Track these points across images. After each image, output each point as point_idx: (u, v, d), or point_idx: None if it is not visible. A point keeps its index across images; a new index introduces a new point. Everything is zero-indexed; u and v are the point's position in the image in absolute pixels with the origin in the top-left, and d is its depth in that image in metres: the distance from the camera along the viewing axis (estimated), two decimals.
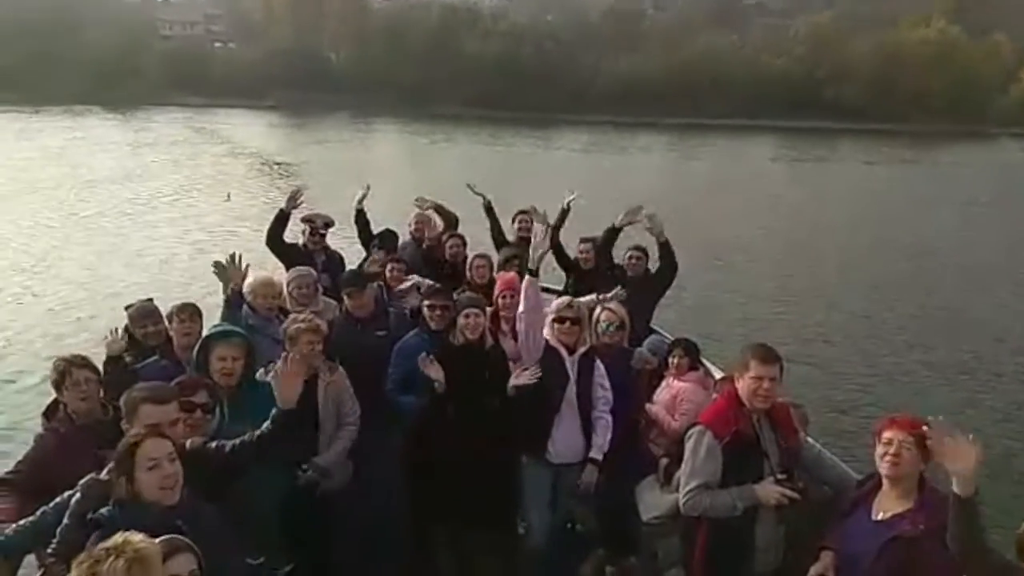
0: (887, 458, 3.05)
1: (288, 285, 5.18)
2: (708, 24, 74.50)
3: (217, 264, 4.91)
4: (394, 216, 7.82)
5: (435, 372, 4.26)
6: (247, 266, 4.95)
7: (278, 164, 33.19)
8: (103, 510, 2.67)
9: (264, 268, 5.47)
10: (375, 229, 6.97)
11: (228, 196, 23.08)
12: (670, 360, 4.93)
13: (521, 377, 4.29)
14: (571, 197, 6.73)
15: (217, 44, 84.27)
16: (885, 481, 3.13)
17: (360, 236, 6.95)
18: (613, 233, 6.33)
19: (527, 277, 4.30)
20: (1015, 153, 49.30)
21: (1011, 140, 55.46)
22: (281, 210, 6.18)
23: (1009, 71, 66.83)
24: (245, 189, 25.33)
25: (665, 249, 6.12)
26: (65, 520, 2.81)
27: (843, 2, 76.45)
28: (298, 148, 40.32)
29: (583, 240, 6.58)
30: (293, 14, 79.38)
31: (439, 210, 7.22)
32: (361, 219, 6.95)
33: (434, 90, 67.64)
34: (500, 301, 4.96)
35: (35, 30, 69.40)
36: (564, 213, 6.75)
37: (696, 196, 27.28)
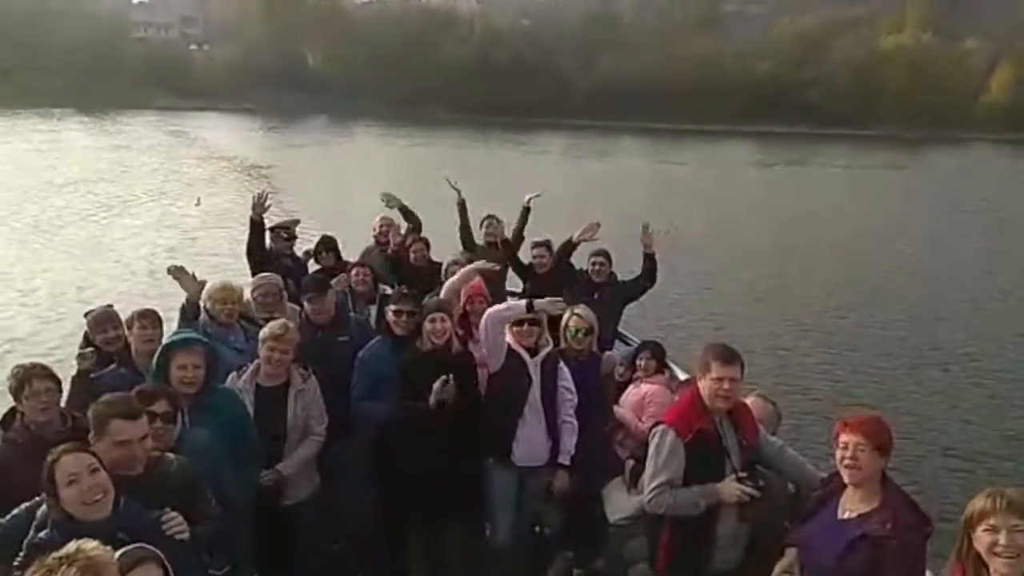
0: (845, 463, 3.04)
1: (253, 291, 5.09)
2: (688, 28, 75.01)
3: (172, 268, 4.81)
4: (369, 219, 7.75)
5: (446, 392, 4.19)
6: (203, 281, 4.88)
7: (254, 167, 32.98)
8: (42, 533, 2.61)
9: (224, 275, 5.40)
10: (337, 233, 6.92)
11: (198, 201, 22.86)
12: (637, 362, 4.96)
13: (441, 391, 4.19)
14: (532, 196, 6.80)
15: (193, 46, 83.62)
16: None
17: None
18: (570, 247, 6.37)
19: (485, 314, 4.32)
20: (991, 158, 50.10)
21: (987, 145, 56.35)
22: (251, 218, 6.08)
23: (981, 78, 68.00)
24: (218, 193, 25.10)
25: (650, 262, 6.23)
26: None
27: (823, 7, 77.26)
28: (275, 151, 40.09)
29: (536, 244, 6.61)
30: (269, 16, 78.80)
31: (404, 211, 7.12)
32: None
33: (412, 93, 67.50)
34: (469, 307, 4.92)
35: (6, 30, 68.33)
36: (526, 212, 6.84)
37: (675, 200, 27.44)
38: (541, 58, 71.74)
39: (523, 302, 4.36)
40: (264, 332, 4.18)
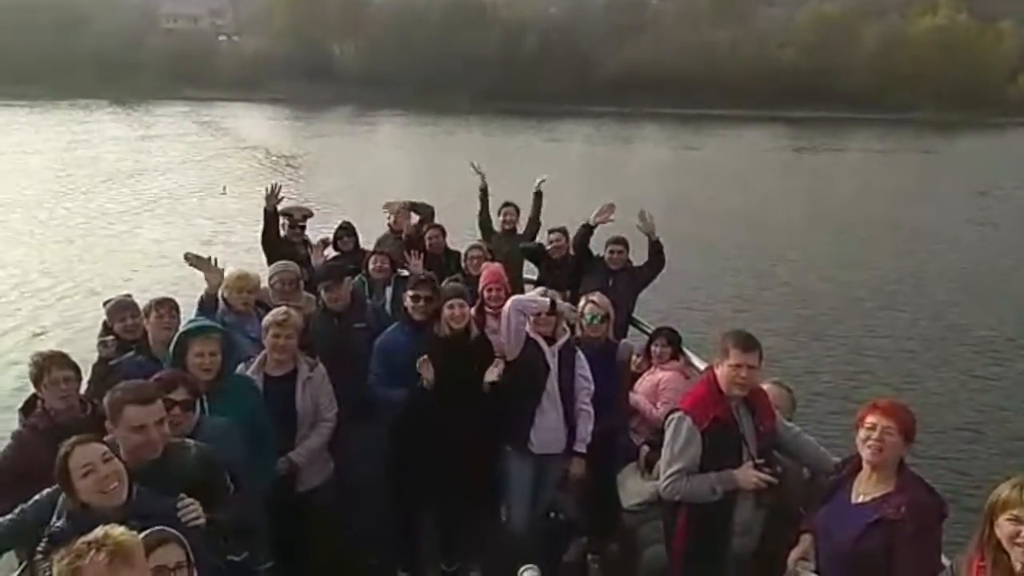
0: (870, 443, 3.03)
1: (270, 279, 5.11)
2: (713, 14, 73.98)
3: (189, 256, 4.84)
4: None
5: (427, 372, 4.23)
6: (223, 269, 4.89)
7: (280, 157, 33.30)
8: (57, 524, 2.66)
9: (248, 264, 5.44)
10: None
11: (224, 189, 23.07)
12: (652, 349, 4.94)
13: (492, 373, 4.27)
14: (541, 179, 6.86)
15: (221, 37, 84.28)
16: (865, 465, 3.12)
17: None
18: (587, 230, 6.33)
19: (509, 301, 4.31)
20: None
21: (1021, 130, 54.99)
22: (264, 209, 6.17)
23: (1015, 60, 66.25)
24: (244, 183, 25.34)
25: (655, 247, 6.20)
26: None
27: None
28: (300, 141, 40.42)
29: (552, 231, 6.63)
30: (296, 7, 79.29)
31: (413, 207, 7.17)
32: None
33: (437, 83, 67.51)
34: (486, 294, 4.93)
35: (40, 25, 69.57)
36: (538, 198, 6.87)
37: (697, 186, 27.22)
38: (565, 46, 71.20)
39: (547, 300, 4.33)
40: (266, 320, 4.19)
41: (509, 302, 4.32)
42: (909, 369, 11.11)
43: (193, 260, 4.80)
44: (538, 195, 6.98)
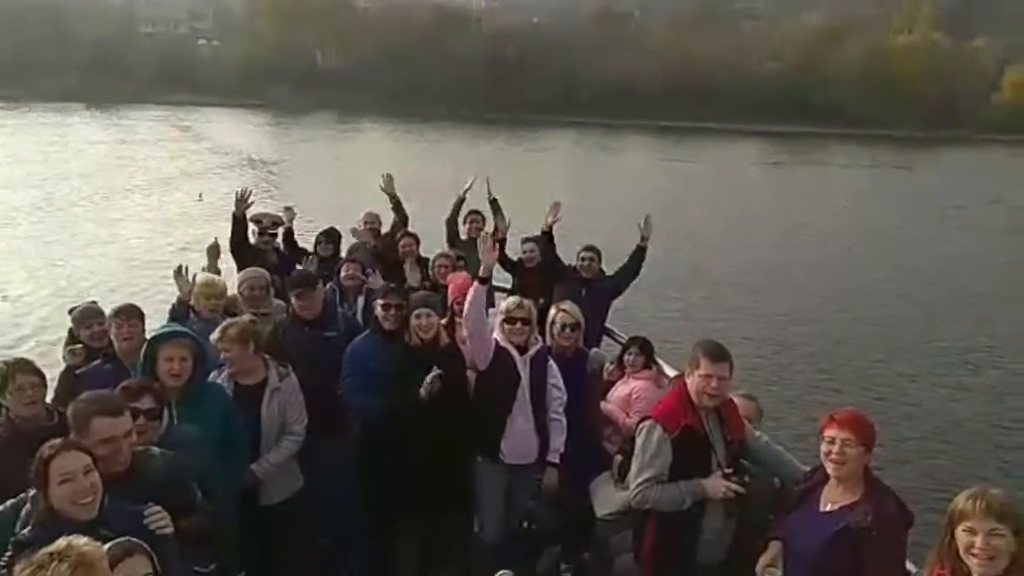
0: (831, 456, 3.07)
1: (239, 285, 5.05)
2: (696, 27, 74.71)
3: (177, 271, 4.83)
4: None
5: (431, 388, 4.19)
6: (194, 276, 4.87)
7: (260, 162, 33.12)
8: (25, 530, 2.59)
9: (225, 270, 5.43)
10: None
11: (200, 196, 22.84)
12: (625, 358, 4.94)
13: (430, 384, 4.18)
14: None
15: (201, 41, 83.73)
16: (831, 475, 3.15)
17: (288, 254, 6.84)
18: (546, 235, 6.40)
19: (475, 284, 4.25)
20: (1002, 158, 49.77)
21: (998, 146, 55.97)
22: (233, 214, 6.13)
23: (993, 77, 67.49)
24: (222, 187, 25.20)
25: (639, 253, 6.24)
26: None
27: (832, 6, 76.85)
28: (281, 146, 40.33)
29: (525, 240, 6.65)
30: (278, 12, 79.06)
31: (396, 203, 7.13)
32: (289, 239, 6.96)
33: (421, 90, 67.55)
34: (455, 307, 4.88)
35: (18, 26, 68.77)
36: (495, 204, 6.89)
37: (678, 197, 27.40)
38: (549, 55, 71.58)
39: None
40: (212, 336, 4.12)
41: (466, 307, 4.24)
42: (879, 377, 11.30)
43: (176, 275, 4.80)
44: (493, 202, 6.95)
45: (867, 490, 3.06)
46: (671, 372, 4.97)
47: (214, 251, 6.01)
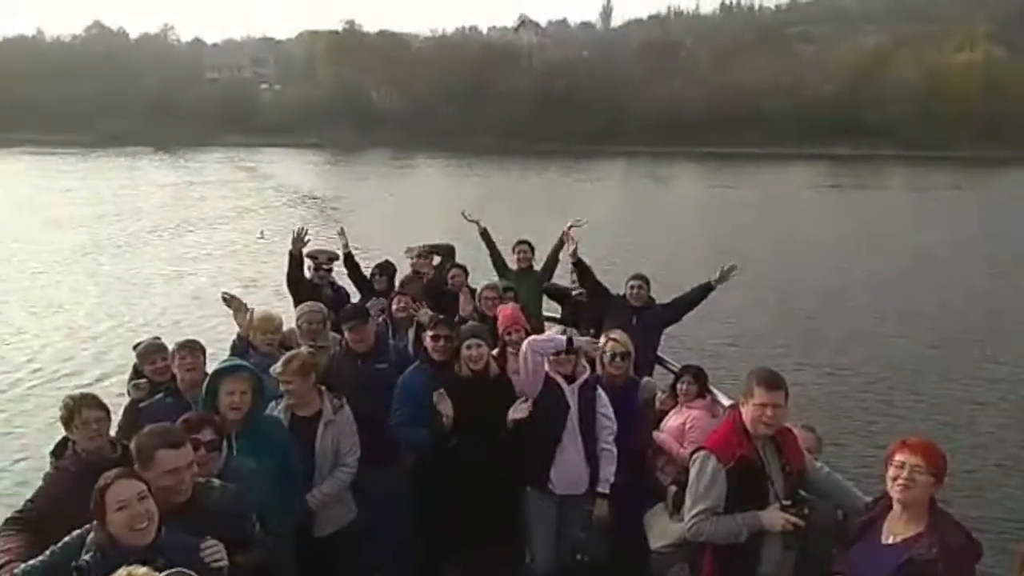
0: (899, 481, 2.98)
1: (298, 319, 5.20)
2: (747, 53, 74.26)
3: (225, 295, 4.98)
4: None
5: (445, 407, 4.26)
6: (251, 311, 4.99)
7: (318, 200, 33.97)
8: (85, 556, 2.68)
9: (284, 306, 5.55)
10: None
11: (261, 234, 23.48)
12: (678, 387, 4.89)
13: (517, 411, 4.26)
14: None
15: (263, 86, 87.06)
16: (895, 504, 3.06)
17: (351, 277, 7.06)
18: (575, 265, 6.47)
19: (525, 342, 4.30)
20: None
21: None
22: (290, 252, 6.36)
23: None
24: (283, 227, 25.93)
25: (704, 292, 6.25)
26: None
27: (888, 25, 75.37)
28: (339, 184, 41.31)
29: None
30: (335, 55, 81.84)
31: (433, 249, 7.33)
32: (350, 261, 7.11)
33: (473, 125, 68.86)
34: (507, 337, 4.90)
35: (88, 75, 72.62)
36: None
37: (730, 223, 27.02)
38: (597, 87, 72.04)
39: (563, 337, 4.31)
40: (272, 369, 4.23)
41: (525, 343, 4.31)
42: (941, 404, 10.83)
43: (229, 301, 4.94)
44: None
45: (932, 521, 2.96)
46: (726, 401, 4.88)
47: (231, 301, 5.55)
